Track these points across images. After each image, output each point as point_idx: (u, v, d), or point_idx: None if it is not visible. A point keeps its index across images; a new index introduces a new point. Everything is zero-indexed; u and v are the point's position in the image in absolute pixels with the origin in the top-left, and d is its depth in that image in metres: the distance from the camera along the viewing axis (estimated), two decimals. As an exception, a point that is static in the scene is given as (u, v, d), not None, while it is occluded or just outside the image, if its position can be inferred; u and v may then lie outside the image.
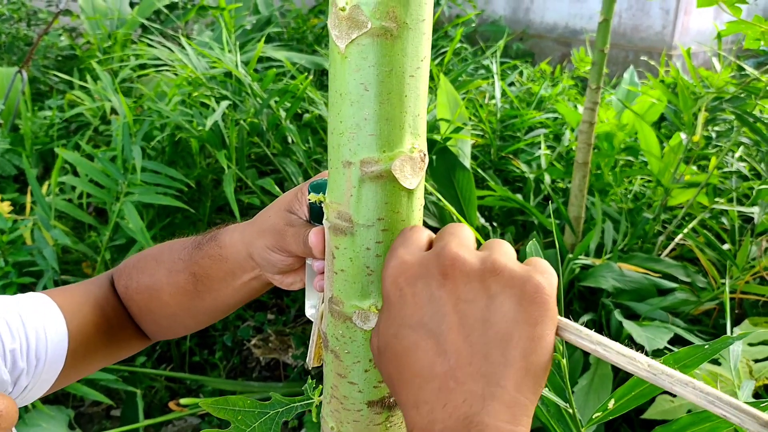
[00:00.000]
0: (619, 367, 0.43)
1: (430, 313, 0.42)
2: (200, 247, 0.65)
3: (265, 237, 0.58)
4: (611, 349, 0.43)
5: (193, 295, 0.66)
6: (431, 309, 0.42)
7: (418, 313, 0.42)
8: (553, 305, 0.42)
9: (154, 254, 0.69)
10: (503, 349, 0.40)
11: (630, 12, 4.63)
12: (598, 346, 0.43)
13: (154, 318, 0.70)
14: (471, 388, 0.40)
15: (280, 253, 0.58)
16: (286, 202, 0.59)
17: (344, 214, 0.46)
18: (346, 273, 0.47)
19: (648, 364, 0.42)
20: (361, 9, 0.41)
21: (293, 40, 3.30)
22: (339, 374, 0.50)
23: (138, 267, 0.69)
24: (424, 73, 0.44)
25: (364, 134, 0.43)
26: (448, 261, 0.42)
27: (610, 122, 2.21)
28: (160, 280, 0.67)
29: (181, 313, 0.68)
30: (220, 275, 0.64)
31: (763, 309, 1.75)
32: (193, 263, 0.65)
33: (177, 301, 0.66)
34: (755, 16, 1.86)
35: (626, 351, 0.42)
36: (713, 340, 0.63)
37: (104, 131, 2.46)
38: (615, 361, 0.43)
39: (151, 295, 0.67)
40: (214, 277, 0.64)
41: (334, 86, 0.44)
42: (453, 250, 0.42)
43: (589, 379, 1.51)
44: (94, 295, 0.68)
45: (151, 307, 0.68)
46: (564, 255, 1.87)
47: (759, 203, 1.80)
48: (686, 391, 0.39)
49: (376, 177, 0.44)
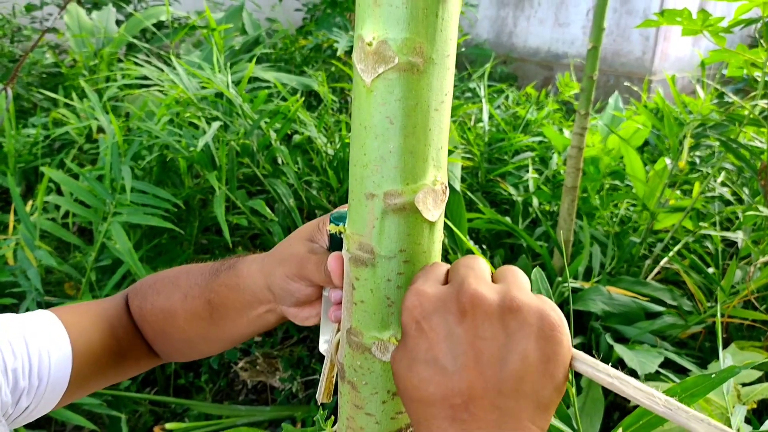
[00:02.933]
0: (637, 403, 0.43)
1: (446, 349, 0.42)
2: (218, 274, 0.64)
3: (286, 265, 0.58)
4: (628, 384, 0.43)
5: (208, 322, 0.65)
6: (447, 345, 0.42)
7: (434, 349, 0.42)
8: (567, 342, 0.43)
9: (171, 277, 0.68)
10: (518, 384, 0.41)
11: (611, 38, 4.73)
12: (615, 380, 0.44)
13: (169, 341, 0.69)
14: (485, 417, 0.41)
15: (299, 282, 0.57)
16: (308, 231, 0.59)
17: (366, 246, 0.46)
18: (366, 304, 0.47)
19: (665, 400, 0.43)
20: (388, 44, 0.41)
21: (281, 60, 3.31)
22: (356, 405, 0.50)
23: (154, 288, 0.68)
24: (447, 106, 0.44)
25: (389, 167, 0.44)
26: (467, 298, 0.42)
27: (596, 147, 2.24)
28: (176, 304, 0.66)
29: (196, 338, 0.67)
30: (237, 305, 0.63)
31: (748, 332, 1.78)
32: (210, 290, 0.64)
33: (192, 327, 0.66)
34: (738, 45, 1.91)
35: (643, 387, 0.43)
36: (720, 370, 0.64)
37: (89, 150, 2.44)
38: (632, 396, 0.43)
39: (165, 318, 0.67)
40: (230, 306, 0.63)
41: (359, 119, 0.44)
42: (472, 286, 0.42)
43: (582, 403, 1.51)
44: (106, 314, 0.68)
45: (165, 329, 0.68)
46: (553, 278, 1.88)
47: (743, 228, 1.83)
48: (701, 427, 0.40)
49: (399, 209, 0.44)
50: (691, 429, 0.39)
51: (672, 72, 4.30)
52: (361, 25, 0.42)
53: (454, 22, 0.43)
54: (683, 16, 1.82)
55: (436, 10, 0.41)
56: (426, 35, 0.41)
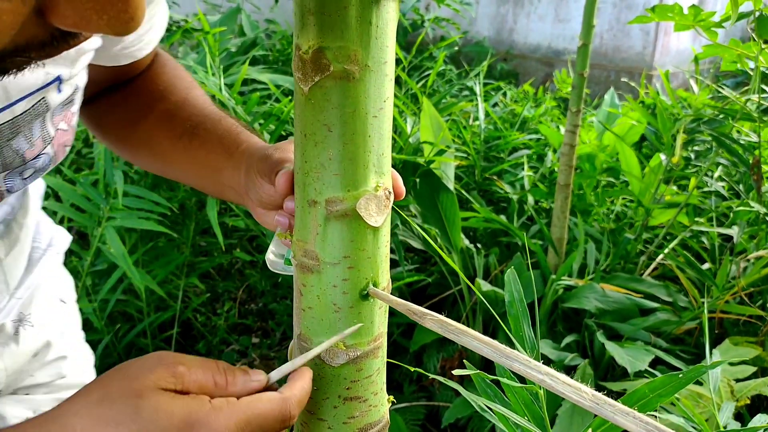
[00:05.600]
0: (565, 397, 0.44)
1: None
2: (224, 121, 0.69)
3: (263, 162, 0.58)
4: (558, 380, 0.44)
5: (180, 141, 0.70)
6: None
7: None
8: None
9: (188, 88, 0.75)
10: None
11: (611, 33, 4.71)
12: (546, 377, 0.44)
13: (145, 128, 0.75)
14: None
15: (265, 181, 0.58)
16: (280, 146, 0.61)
17: (311, 253, 0.46)
18: (313, 310, 0.48)
19: (592, 394, 0.43)
20: (323, 53, 0.41)
21: (278, 62, 3.32)
22: (308, 411, 0.50)
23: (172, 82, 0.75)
24: (387, 113, 0.45)
25: (329, 174, 0.44)
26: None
27: (591, 143, 2.24)
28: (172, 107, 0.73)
29: (162, 147, 0.73)
30: (215, 158, 0.67)
31: (743, 328, 1.77)
32: (208, 127, 0.69)
33: (163, 133, 0.72)
34: (731, 39, 1.90)
35: (572, 382, 0.43)
36: (688, 369, 0.64)
37: (87, 154, 2.45)
38: (561, 392, 0.43)
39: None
40: (209, 151, 0.68)
41: (299, 127, 0.44)
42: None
43: (572, 403, 1.51)
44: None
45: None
46: (547, 276, 1.88)
47: (738, 223, 1.82)
48: (627, 420, 0.40)
49: (342, 215, 0.45)
50: (617, 423, 0.39)
51: (673, 66, 4.28)
52: (298, 34, 0.42)
53: (390, 30, 0.43)
54: (675, 11, 1.81)
55: (370, 17, 0.41)
56: (360, 43, 0.41)
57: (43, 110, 0.59)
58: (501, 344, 0.43)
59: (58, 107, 0.61)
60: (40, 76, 0.56)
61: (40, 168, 0.63)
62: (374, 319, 0.49)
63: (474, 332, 0.43)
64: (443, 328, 0.44)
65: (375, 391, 0.51)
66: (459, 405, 1.63)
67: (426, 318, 0.45)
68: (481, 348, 0.43)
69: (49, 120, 0.61)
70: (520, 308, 0.68)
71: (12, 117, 0.56)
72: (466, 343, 0.43)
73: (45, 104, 0.59)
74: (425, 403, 1.83)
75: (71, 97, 0.63)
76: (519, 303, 0.68)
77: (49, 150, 0.62)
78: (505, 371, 0.66)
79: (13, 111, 0.56)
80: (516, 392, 0.66)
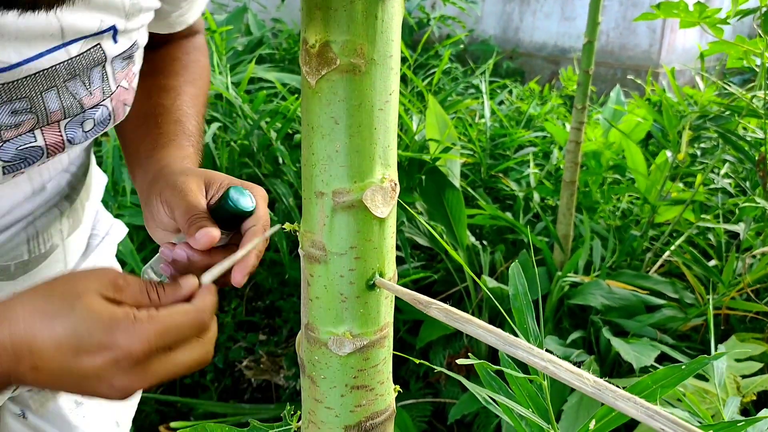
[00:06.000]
0: (567, 384, 0.44)
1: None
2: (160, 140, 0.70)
3: (174, 190, 0.59)
4: (560, 367, 0.44)
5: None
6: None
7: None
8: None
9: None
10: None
11: (617, 30, 4.70)
12: (549, 364, 0.45)
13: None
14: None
15: (166, 209, 0.60)
16: (211, 181, 0.61)
17: (318, 243, 0.47)
18: (320, 300, 0.48)
19: (593, 380, 0.44)
20: (330, 47, 0.42)
21: (284, 60, 3.33)
22: (316, 399, 0.51)
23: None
24: (393, 106, 0.45)
25: (336, 166, 0.45)
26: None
27: (597, 141, 2.24)
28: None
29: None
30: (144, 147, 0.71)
31: (750, 324, 1.76)
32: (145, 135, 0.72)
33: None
34: (737, 36, 1.89)
35: (574, 369, 0.44)
36: (690, 361, 0.64)
37: (95, 152, 2.47)
38: (564, 378, 0.44)
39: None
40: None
41: (306, 119, 0.45)
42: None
43: (579, 397, 1.51)
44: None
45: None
46: (553, 273, 1.88)
47: (744, 219, 1.82)
48: (627, 405, 0.41)
49: (348, 207, 0.46)
50: (618, 408, 0.39)
51: (680, 64, 4.26)
52: (305, 28, 0.43)
53: (395, 24, 0.44)
54: (680, 8, 1.81)
55: (375, 12, 0.42)
56: (366, 37, 0.42)
57: (99, 58, 0.61)
58: (504, 332, 0.44)
59: (117, 60, 0.64)
60: (95, 22, 0.59)
61: (99, 122, 0.65)
62: (380, 309, 0.49)
63: (478, 320, 0.44)
64: (448, 317, 0.45)
65: (381, 380, 0.52)
66: (465, 401, 1.63)
67: (431, 307, 0.46)
68: (485, 336, 0.43)
69: (111, 73, 0.64)
70: (524, 301, 0.69)
71: (68, 57, 0.59)
72: (470, 331, 0.44)
73: (101, 51, 0.62)
74: (431, 399, 1.84)
75: (130, 52, 0.65)
76: (523, 296, 0.69)
77: (108, 104, 0.65)
78: (509, 363, 0.67)
79: (68, 51, 0.59)
80: (520, 384, 0.67)
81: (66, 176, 0.74)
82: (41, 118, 0.59)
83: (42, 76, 0.58)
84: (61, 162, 0.70)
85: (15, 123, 0.58)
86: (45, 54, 0.57)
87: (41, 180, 0.69)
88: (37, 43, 0.56)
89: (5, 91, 0.56)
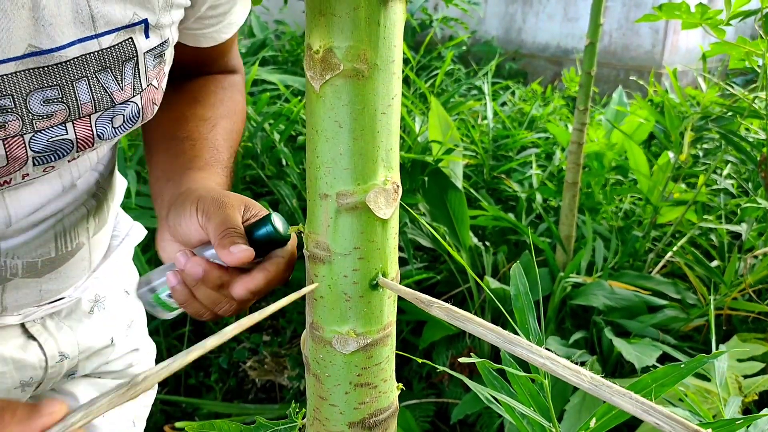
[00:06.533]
0: (565, 380, 0.45)
1: None
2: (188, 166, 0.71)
3: (204, 203, 0.60)
4: (558, 364, 0.45)
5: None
6: None
7: None
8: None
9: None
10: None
11: (620, 31, 4.70)
12: (547, 361, 0.45)
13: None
14: None
15: (192, 222, 0.60)
16: (249, 205, 0.62)
17: (322, 244, 0.48)
18: (325, 300, 0.50)
19: (590, 376, 0.45)
20: (333, 52, 0.43)
21: (288, 62, 3.35)
22: (320, 397, 0.52)
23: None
24: (395, 109, 0.46)
25: (340, 168, 0.46)
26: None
27: (599, 142, 2.24)
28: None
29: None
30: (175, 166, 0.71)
31: (752, 325, 1.77)
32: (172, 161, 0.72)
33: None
34: (739, 37, 1.90)
35: (571, 365, 0.44)
36: (689, 359, 0.65)
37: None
38: (561, 374, 0.45)
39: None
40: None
41: (311, 123, 0.46)
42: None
43: (581, 397, 1.52)
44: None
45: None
46: (556, 273, 1.89)
47: (746, 220, 1.82)
48: (623, 400, 0.41)
49: (352, 208, 0.47)
50: (614, 403, 0.40)
51: (682, 65, 4.27)
52: (309, 34, 0.44)
53: (398, 29, 0.45)
54: (681, 9, 1.82)
55: (378, 18, 0.43)
56: (369, 43, 0.43)
57: (131, 52, 0.62)
58: (504, 330, 0.45)
59: (149, 56, 0.64)
60: (127, 14, 0.60)
61: (128, 118, 0.66)
62: (383, 308, 0.50)
63: (478, 319, 0.45)
64: (449, 315, 0.46)
65: (384, 378, 0.53)
66: (468, 401, 1.64)
67: (433, 306, 0.47)
68: (485, 334, 0.44)
69: (143, 70, 0.64)
70: (525, 301, 0.70)
71: (99, 48, 0.59)
72: (471, 329, 0.45)
73: (132, 46, 0.62)
74: (434, 400, 1.85)
75: (161, 50, 0.66)
76: (524, 296, 0.70)
77: (138, 101, 0.66)
78: (510, 362, 0.68)
79: (99, 42, 0.59)
80: (521, 382, 0.68)
81: (95, 175, 0.75)
82: (73, 109, 0.60)
83: (73, 64, 0.58)
84: (90, 160, 0.72)
85: (47, 113, 0.59)
86: (76, 42, 0.58)
87: (71, 177, 0.70)
88: (68, 30, 0.57)
89: (36, 77, 0.57)
